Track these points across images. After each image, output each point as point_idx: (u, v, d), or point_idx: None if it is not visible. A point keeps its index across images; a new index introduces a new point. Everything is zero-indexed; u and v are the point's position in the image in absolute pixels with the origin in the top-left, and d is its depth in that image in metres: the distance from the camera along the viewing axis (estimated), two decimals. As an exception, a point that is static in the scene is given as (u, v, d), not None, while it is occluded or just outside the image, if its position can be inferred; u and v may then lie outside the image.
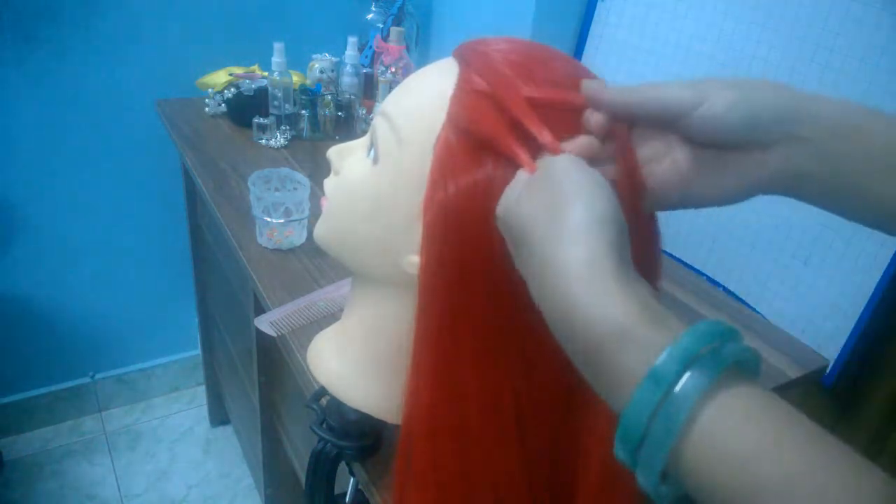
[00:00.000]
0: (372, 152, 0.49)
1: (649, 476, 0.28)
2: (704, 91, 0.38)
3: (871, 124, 0.37)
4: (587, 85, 0.41)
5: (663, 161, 0.41)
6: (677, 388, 0.27)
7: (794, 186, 0.39)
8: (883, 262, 0.90)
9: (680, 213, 0.44)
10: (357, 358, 0.57)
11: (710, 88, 0.38)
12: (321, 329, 0.65)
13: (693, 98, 0.38)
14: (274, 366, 1.16)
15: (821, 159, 0.37)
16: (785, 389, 0.87)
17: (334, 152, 0.53)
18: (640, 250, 0.37)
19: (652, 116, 0.40)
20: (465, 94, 0.43)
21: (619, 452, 0.29)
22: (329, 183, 0.54)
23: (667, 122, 0.40)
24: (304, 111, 1.32)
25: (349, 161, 0.52)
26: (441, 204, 0.42)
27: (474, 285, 0.42)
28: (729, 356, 0.28)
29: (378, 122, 0.48)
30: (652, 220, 0.45)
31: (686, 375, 0.27)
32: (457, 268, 0.42)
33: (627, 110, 0.40)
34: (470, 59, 0.44)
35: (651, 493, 0.29)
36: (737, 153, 0.39)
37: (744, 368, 0.28)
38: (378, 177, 0.48)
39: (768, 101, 0.37)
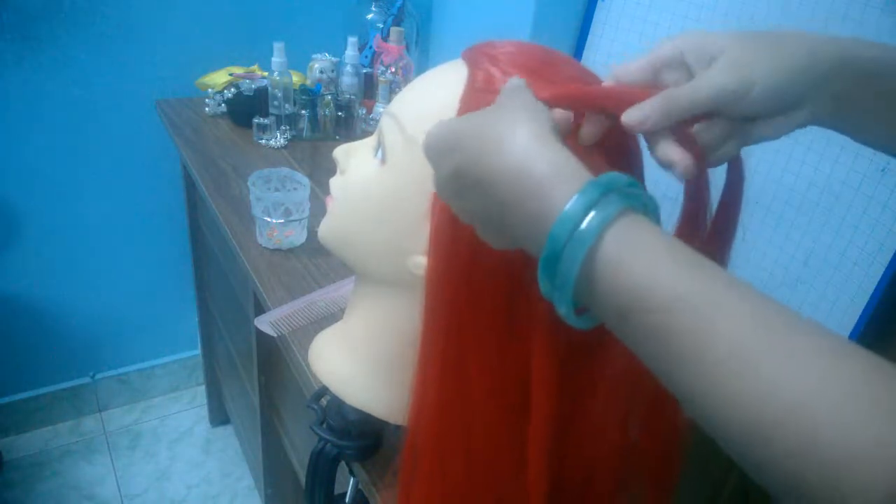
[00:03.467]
0: (379, 152, 0.49)
1: (563, 301, 0.32)
2: (748, 76, 0.37)
3: (882, 69, 0.40)
4: (628, 117, 0.38)
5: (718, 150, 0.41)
6: (583, 224, 0.30)
7: (816, 123, 0.41)
8: (883, 262, 0.90)
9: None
10: (359, 358, 0.57)
11: (751, 70, 0.37)
12: (321, 329, 0.65)
13: (738, 88, 0.37)
14: (274, 366, 1.16)
15: (841, 104, 0.40)
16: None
17: (341, 151, 0.53)
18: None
19: (699, 117, 0.39)
20: (474, 93, 0.43)
21: (542, 285, 0.33)
22: (335, 182, 0.54)
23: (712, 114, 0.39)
24: (304, 111, 1.32)
25: (356, 161, 0.52)
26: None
27: (482, 286, 0.42)
28: (626, 199, 0.31)
29: (386, 123, 0.48)
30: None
31: (591, 214, 0.30)
32: (465, 268, 0.42)
33: (675, 122, 0.39)
34: (478, 60, 0.44)
35: (570, 321, 0.33)
36: (774, 118, 0.40)
37: (646, 212, 0.32)
38: (385, 177, 0.48)
39: (805, 70, 0.38)
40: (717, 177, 0.42)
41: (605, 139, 0.42)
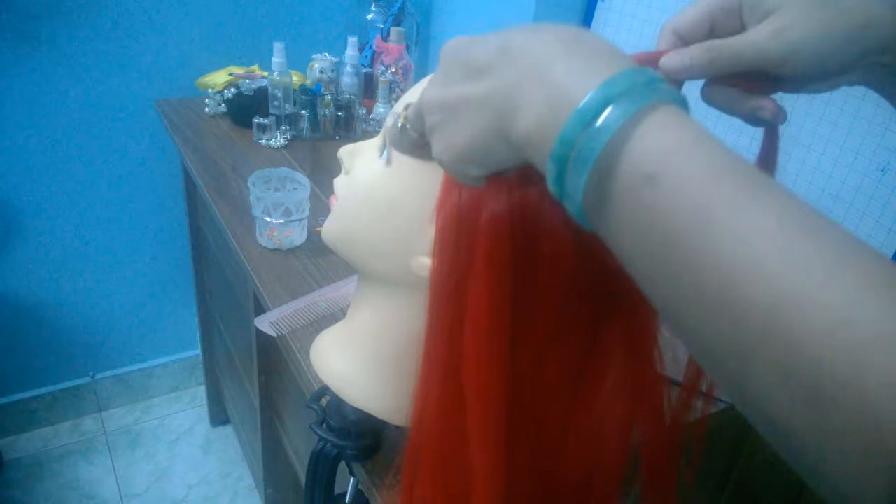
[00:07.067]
0: (385, 153, 0.49)
1: (574, 199, 0.30)
2: (792, 43, 0.37)
3: None
4: (670, 60, 0.38)
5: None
6: (599, 120, 0.28)
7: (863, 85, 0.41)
8: (883, 263, 0.90)
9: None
10: (361, 358, 0.57)
11: (797, 36, 0.37)
12: (321, 329, 0.65)
13: (779, 55, 0.37)
14: (274, 366, 1.16)
15: (892, 75, 0.39)
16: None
17: (346, 152, 0.53)
18: None
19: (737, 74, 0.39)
20: None
21: (550, 183, 0.31)
22: (339, 182, 0.54)
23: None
24: (304, 111, 1.32)
25: (361, 161, 0.52)
26: (454, 207, 0.42)
27: (486, 287, 0.42)
28: (653, 93, 0.29)
29: (392, 124, 0.48)
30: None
31: (609, 108, 0.28)
32: (469, 270, 0.42)
33: (714, 73, 0.39)
34: None
35: (579, 220, 0.31)
36: (817, 82, 0.40)
37: (675, 104, 0.30)
38: (391, 178, 0.48)
39: (857, 40, 0.37)
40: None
41: None
